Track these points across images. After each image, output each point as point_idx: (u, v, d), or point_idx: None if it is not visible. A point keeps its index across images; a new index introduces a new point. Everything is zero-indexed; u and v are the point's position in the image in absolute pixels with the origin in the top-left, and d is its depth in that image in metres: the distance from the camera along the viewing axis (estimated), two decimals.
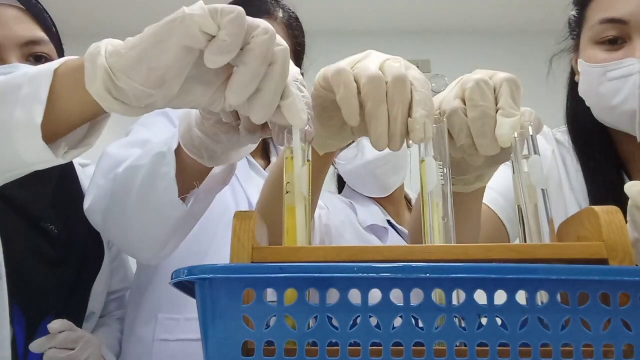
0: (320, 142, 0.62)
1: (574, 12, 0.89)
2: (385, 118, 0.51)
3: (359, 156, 1.16)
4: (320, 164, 0.65)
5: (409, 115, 0.52)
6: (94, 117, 0.53)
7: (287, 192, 0.55)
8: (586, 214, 0.52)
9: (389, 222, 1.20)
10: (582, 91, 0.84)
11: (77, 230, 0.93)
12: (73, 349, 0.83)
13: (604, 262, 0.48)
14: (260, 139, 0.63)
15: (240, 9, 0.45)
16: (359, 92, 0.52)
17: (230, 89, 0.48)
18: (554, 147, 0.94)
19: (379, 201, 1.24)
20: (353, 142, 0.64)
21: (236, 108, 0.51)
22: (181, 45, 0.45)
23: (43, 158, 0.50)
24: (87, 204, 0.83)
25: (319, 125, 0.59)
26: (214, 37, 0.45)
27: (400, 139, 0.52)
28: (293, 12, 1.10)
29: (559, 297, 0.44)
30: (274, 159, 1.18)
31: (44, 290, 0.86)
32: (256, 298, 0.45)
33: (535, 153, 0.55)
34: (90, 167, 1.03)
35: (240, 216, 0.52)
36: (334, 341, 0.44)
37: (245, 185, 1.08)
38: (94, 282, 0.95)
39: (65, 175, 0.96)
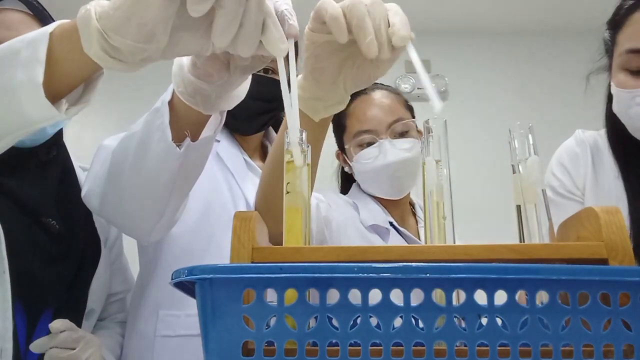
0: (314, 105, 0.65)
1: (606, 34, 0.94)
2: (370, 28, 0.55)
3: (380, 157, 1.18)
4: (315, 134, 0.68)
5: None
6: (91, 75, 0.57)
7: (287, 192, 0.55)
8: (586, 214, 0.52)
9: (391, 224, 1.21)
10: (616, 111, 0.91)
11: (76, 228, 0.94)
12: (74, 349, 0.83)
13: (604, 262, 0.48)
14: (250, 73, 0.66)
15: None
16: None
17: (214, 34, 0.51)
18: (585, 149, 1.00)
19: (383, 204, 1.25)
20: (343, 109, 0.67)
21: (224, 49, 0.53)
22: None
23: (47, 115, 0.54)
24: (84, 191, 0.84)
25: (313, 83, 0.63)
26: None
27: (387, 46, 0.56)
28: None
29: (559, 297, 0.44)
30: None
31: (43, 284, 0.87)
32: (256, 298, 0.45)
33: (534, 154, 0.55)
34: None
35: (240, 216, 0.52)
36: (334, 341, 0.44)
37: (242, 184, 1.09)
38: (92, 279, 0.96)
39: (67, 176, 0.97)
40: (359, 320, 0.44)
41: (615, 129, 0.93)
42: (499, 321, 0.44)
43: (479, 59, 2.93)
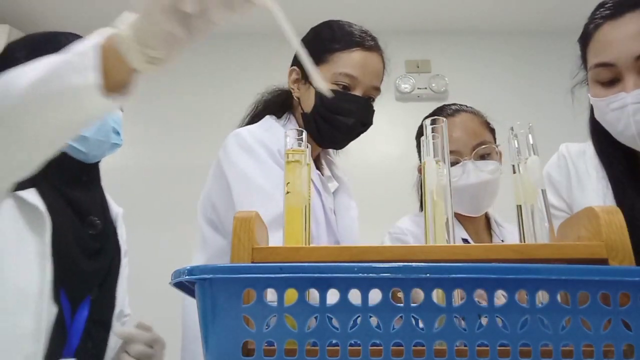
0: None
1: (580, 50, 1.04)
2: None
3: (463, 177, 1.24)
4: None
5: None
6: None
7: (288, 192, 0.55)
8: (586, 214, 0.51)
9: (465, 240, 1.25)
10: (597, 118, 0.99)
11: (109, 231, 1.06)
12: (152, 347, 0.95)
13: (604, 262, 0.48)
14: None
15: None
16: None
17: (212, 19, 0.58)
18: (565, 159, 1.09)
19: (459, 219, 1.31)
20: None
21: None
22: (164, 13, 0.57)
23: (105, 109, 0.64)
24: None
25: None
26: None
27: None
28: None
29: (559, 297, 0.44)
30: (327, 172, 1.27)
31: (84, 275, 0.95)
32: (256, 298, 0.45)
33: (534, 154, 0.55)
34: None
35: (239, 216, 0.52)
36: (334, 341, 0.44)
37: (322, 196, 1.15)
38: (117, 281, 1.05)
39: (102, 189, 1.11)
40: (359, 320, 0.44)
41: (598, 134, 1.01)
42: (499, 321, 0.44)
43: (479, 59, 2.92)
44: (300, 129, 0.57)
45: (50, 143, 0.69)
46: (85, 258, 0.96)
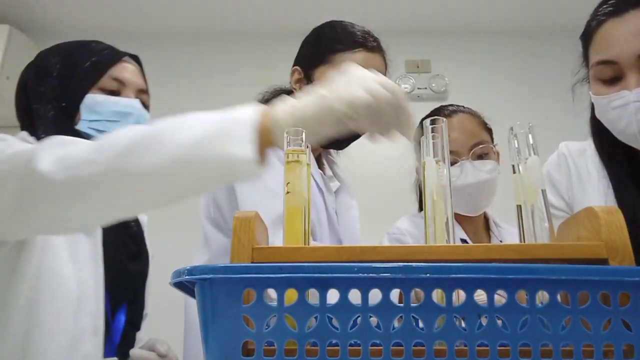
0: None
1: (581, 47, 1.04)
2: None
3: (461, 177, 1.24)
4: None
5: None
6: None
7: (288, 192, 0.55)
8: (586, 214, 0.51)
9: (463, 241, 1.26)
10: (598, 116, 0.99)
11: (140, 235, 1.10)
12: None
13: (604, 262, 0.48)
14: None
15: (364, 99, 0.64)
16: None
17: (370, 138, 0.71)
18: (565, 158, 1.09)
19: (458, 220, 1.31)
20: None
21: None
22: (332, 122, 0.66)
23: (252, 176, 0.69)
24: None
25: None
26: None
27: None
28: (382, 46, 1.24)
29: (559, 297, 0.44)
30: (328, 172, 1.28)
31: (128, 276, 1.00)
32: (256, 298, 0.45)
33: (534, 154, 0.55)
34: None
35: (239, 217, 0.52)
36: (334, 341, 0.44)
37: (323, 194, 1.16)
38: (146, 284, 1.08)
39: None
40: (359, 320, 0.44)
41: (599, 133, 1.01)
42: (499, 321, 0.44)
43: (479, 59, 2.92)
44: (301, 129, 0.57)
45: (185, 195, 0.73)
46: (128, 260, 1.01)
